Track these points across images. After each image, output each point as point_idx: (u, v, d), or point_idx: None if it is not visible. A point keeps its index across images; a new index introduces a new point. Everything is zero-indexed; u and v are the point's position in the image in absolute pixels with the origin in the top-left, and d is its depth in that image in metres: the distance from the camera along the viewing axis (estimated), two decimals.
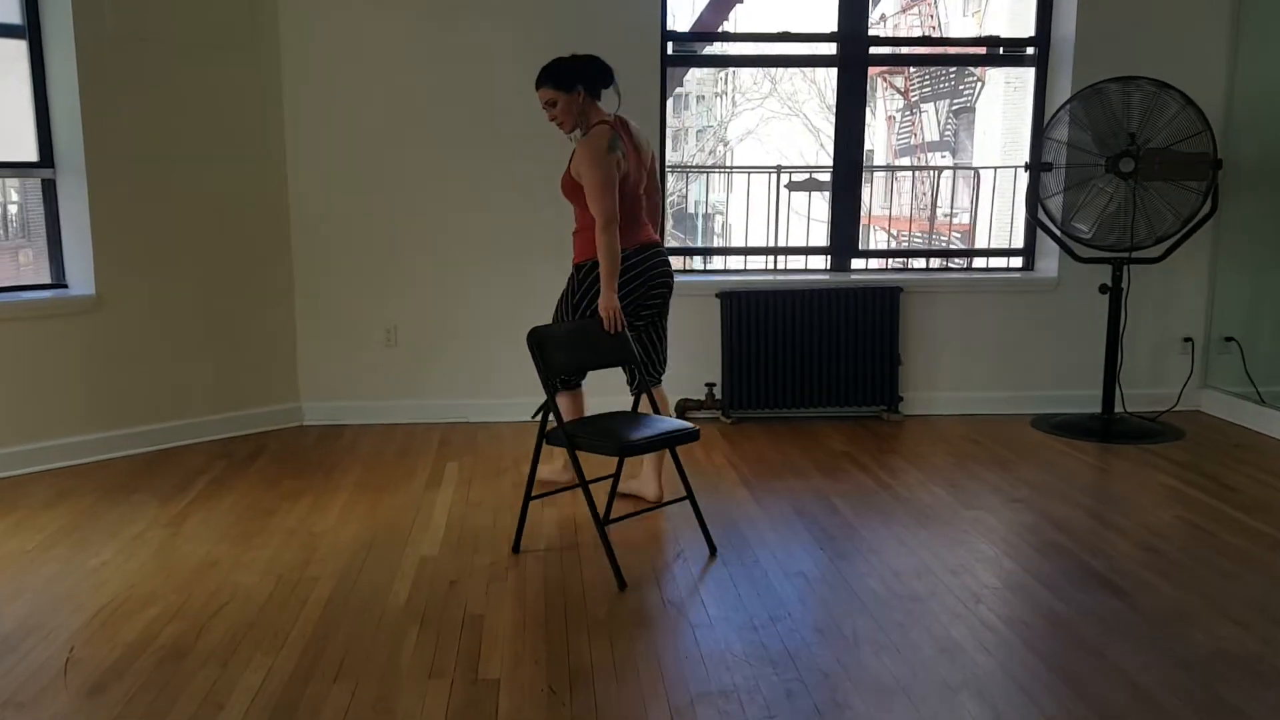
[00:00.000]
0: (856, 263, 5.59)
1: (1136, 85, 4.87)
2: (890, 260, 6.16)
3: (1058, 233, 5.12)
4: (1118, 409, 5.17)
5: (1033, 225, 5.50)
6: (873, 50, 5.42)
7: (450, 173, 5.09)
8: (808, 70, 15.94)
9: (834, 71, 5.35)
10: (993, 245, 6.33)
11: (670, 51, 5.24)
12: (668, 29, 5.17)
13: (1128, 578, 3.27)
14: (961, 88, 16.75)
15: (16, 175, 4.56)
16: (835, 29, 5.31)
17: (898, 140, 16.58)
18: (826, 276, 5.47)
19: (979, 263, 5.89)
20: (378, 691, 2.55)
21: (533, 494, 3.52)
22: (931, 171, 11.97)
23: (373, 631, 2.87)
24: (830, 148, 5.49)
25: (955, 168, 12.62)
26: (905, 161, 15.51)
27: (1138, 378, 5.40)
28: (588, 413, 3.79)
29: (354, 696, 2.52)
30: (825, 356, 5.25)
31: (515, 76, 5.01)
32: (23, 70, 4.44)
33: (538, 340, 3.41)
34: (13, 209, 4.86)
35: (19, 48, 4.42)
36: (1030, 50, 5.47)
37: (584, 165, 3.61)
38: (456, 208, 5.10)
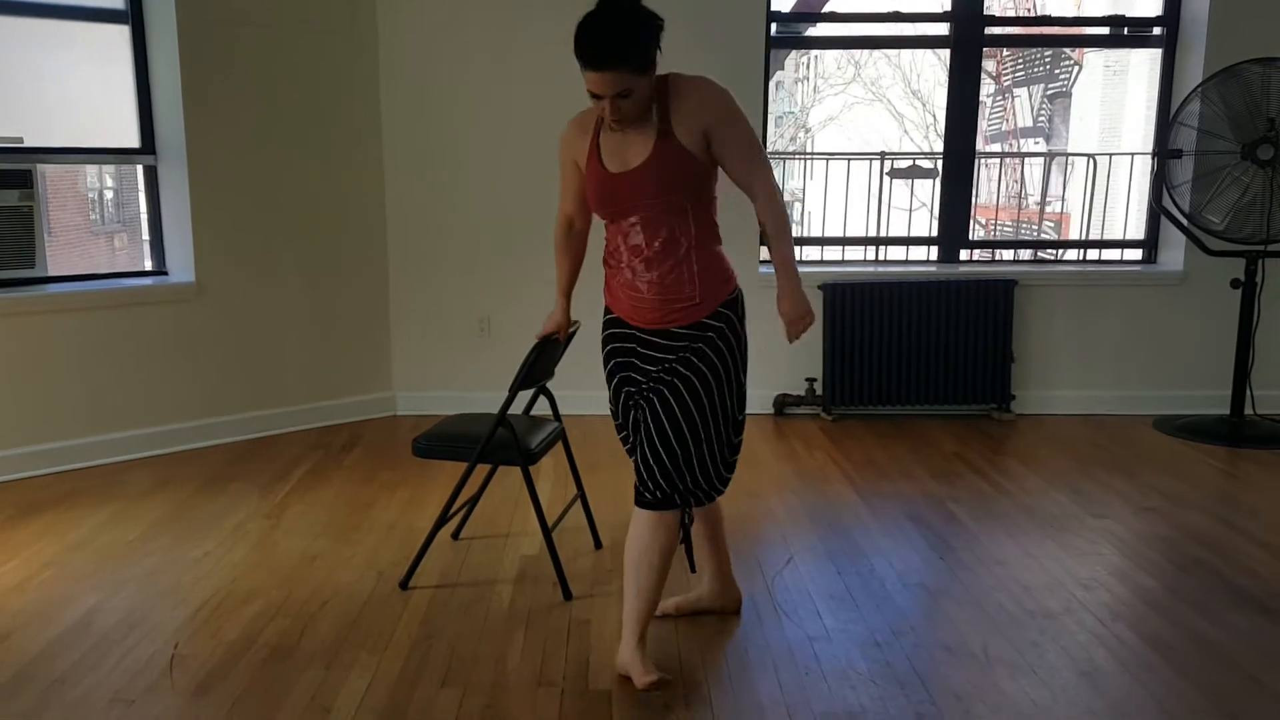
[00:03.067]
0: (963, 254, 5.34)
1: (1277, 67, 4.55)
2: (997, 251, 5.88)
3: (1186, 224, 4.81)
4: (1247, 411, 4.86)
5: (1155, 216, 5.20)
6: (988, 30, 5.16)
7: (548, 163, 4.95)
8: (892, 54, 15.44)
9: (918, 55, 5.11)
10: (1105, 236, 6.01)
11: (774, 33, 5.05)
12: (772, 9, 4.97)
13: None
14: (1057, 71, 16.09)
15: (119, 161, 4.57)
16: (949, 8, 5.07)
17: (989, 126, 16.04)
18: (934, 268, 5.24)
19: (1091, 255, 5.58)
20: (486, 698, 2.44)
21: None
22: (1041, 158, 11.53)
23: (477, 635, 2.77)
24: (915, 135, 5.25)
25: (1066, 154, 12.08)
26: (995, 148, 15.01)
27: (1269, 378, 5.05)
28: None
29: (462, 704, 2.42)
30: (933, 352, 5.02)
31: None
32: (125, 55, 4.43)
33: None
34: (109, 193, 4.88)
35: (121, 33, 4.42)
36: (1157, 30, 5.15)
37: (733, 112, 2.46)
38: (554, 198, 4.95)
